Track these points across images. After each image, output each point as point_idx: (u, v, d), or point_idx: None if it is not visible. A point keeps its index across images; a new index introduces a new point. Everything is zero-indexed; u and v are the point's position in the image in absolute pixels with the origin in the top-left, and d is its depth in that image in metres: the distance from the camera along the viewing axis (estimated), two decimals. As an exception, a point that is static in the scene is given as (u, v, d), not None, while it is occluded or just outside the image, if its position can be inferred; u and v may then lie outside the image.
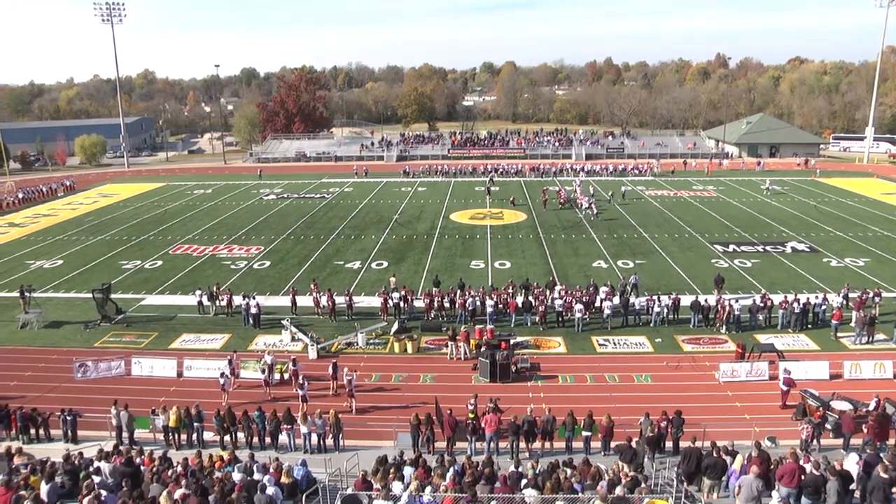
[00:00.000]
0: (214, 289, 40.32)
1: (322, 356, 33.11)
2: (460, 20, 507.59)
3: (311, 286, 41.28)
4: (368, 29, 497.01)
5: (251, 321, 37.44)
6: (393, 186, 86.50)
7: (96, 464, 19.99)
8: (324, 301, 38.98)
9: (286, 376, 30.76)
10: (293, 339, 35.27)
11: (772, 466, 19.26)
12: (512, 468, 19.63)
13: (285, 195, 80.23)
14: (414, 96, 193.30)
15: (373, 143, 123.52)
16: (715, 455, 19.78)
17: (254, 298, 37.96)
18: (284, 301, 40.69)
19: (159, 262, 50.80)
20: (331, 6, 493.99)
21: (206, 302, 39.93)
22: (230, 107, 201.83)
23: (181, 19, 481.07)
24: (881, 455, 19.33)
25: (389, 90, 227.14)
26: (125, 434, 25.35)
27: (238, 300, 38.97)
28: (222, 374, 28.99)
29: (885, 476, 17.01)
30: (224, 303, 39.37)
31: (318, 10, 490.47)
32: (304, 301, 40.25)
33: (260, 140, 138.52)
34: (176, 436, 25.56)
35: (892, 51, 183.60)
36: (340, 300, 39.00)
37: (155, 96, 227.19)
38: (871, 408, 24.72)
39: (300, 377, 28.98)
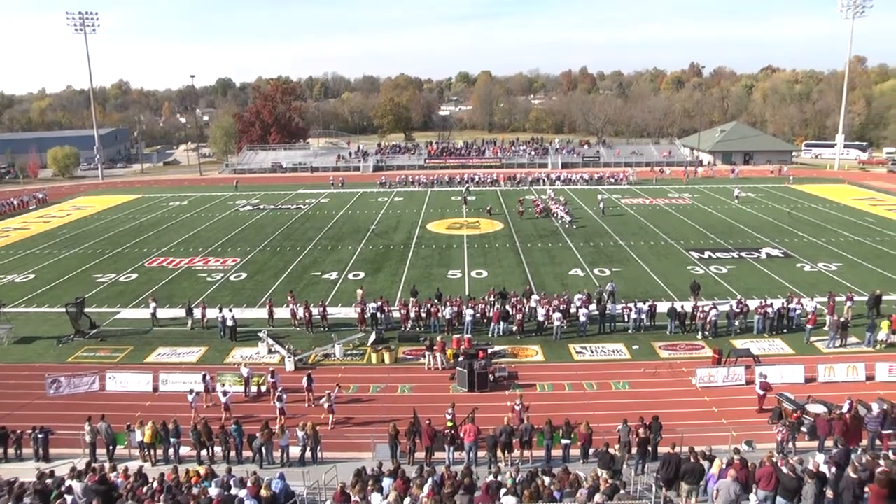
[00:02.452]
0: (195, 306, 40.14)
1: (299, 368, 32.92)
2: (436, 30, 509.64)
3: (288, 298, 41.09)
4: (344, 39, 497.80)
5: (227, 334, 37.19)
6: (369, 197, 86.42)
7: (68, 482, 19.70)
8: (300, 312, 38.81)
9: (263, 389, 30.59)
10: (270, 352, 35.07)
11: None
12: (491, 477, 19.62)
13: (261, 206, 79.88)
14: (390, 106, 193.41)
15: (349, 154, 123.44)
16: (693, 460, 19.93)
17: (230, 311, 37.74)
18: (261, 313, 40.46)
19: (134, 275, 50.34)
20: (306, 16, 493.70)
21: (159, 315, 39.86)
22: (206, 117, 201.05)
23: (156, 29, 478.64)
24: (851, 456, 19.72)
25: (365, 100, 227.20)
26: (100, 451, 25.02)
27: (214, 313, 38.67)
28: (191, 391, 28.59)
29: (855, 476, 17.46)
30: (199, 316, 39.09)
31: (294, 21, 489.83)
32: (282, 313, 40.06)
33: (236, 151, 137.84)
34: (152, 451, 25.22)
35: (859, 60, 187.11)
36: (317, 312, 38.86)
37: (130, 107, 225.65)
38: (844, 410, 25.01)
39: (278, 389, 28.80)
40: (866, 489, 17.27)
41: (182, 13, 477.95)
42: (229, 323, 37.05)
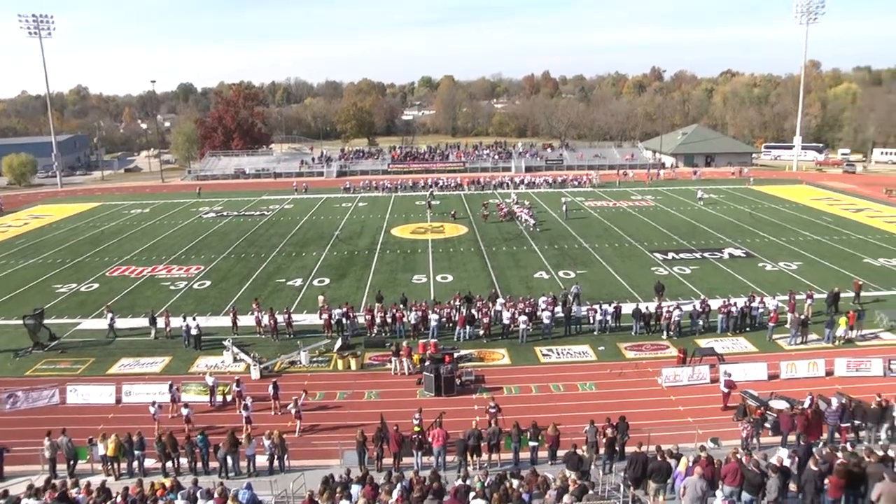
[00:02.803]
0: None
1: (265, 376, 32.66)
2: (398, 35, 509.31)
3: (253, 305, 40.75)
4: (306, 44, 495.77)
5: (192, 343, 36.77)
6: (333, 202, 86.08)
7: (24, 501, 19.23)
8: (265, 320, 38.51)
9: (229, 398, 30.29)
10: (235, 360, 34.72)
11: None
12: (459, 481, 19.63)
13: (225, 213, 79.18)
14: (353, 111, 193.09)
15: (313, 159, 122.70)
16: (660, 459, 20.15)
17: (194, 319, 37.33)
18: (226, 321, 40.07)
19: (95, 285, 49.55)
20: (269, 21, 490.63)
21: (121, 325, 39.28)
22: (167, 123, 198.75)
23: (115, 33, 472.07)
24: (812, 449, 20.19)
25: (328, 105, 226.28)
26: (60, 466, 24.43)
27: (178, 322, 38.22)
28: (153, 403, 28.10)
29: (816, 469, 18.02)
30: (163, 325, 38.58)
31: (256, 25, 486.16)
32: (246, 320, 39.73)
33: (198, 157, 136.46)
34: (115, 465, 24.64)
35: (814, 65, 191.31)
36: (282, 319, 38.58)
37: (89, 113, 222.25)
38: (806, 405, 25.57)
39: (244, 398, 28.53)
40: (826, 481, 17.73)
41: (142, 17, 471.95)
42: (193, 332, 36.66)
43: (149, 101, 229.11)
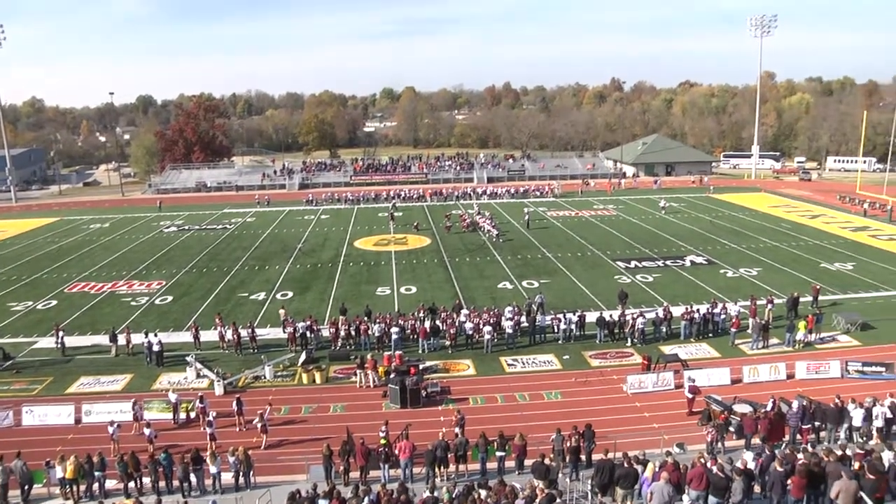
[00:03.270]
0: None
1: (229, 391, 32.27)
2: (359, 46, 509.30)
3: (216, 320, 40.28)
4: (267, 55, 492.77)
5: (154, 360, 36.19)
6: (296, 215, 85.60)
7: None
8: (229, 335, 38.09)
9: (193, 415, 29.86)
10: (199, 376, 34.24)
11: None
12: (427, 493, 19.58)
13: (186, 227, 78.28)
14: (315, 123, 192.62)
15: (275, 172, 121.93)
16: (627, 465, 20.32)
17: (156, 335, 36.78)
18: (189, 337, 39.46)
19: (53, 302, 48.60)
20: (228, 32, 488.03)
21: (79, 342, 38.65)
22: (127, 136, 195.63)
23: (72, 45, 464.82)
24: (776, 451, 20.66)
25: (290, 117, 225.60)
26: (13, 492, 23.53)
27: (139, 338, 37.61)
28: (112, 423, 27.33)
29: (780, 469, 18.49)
30: (124, 342, 37.94)
31: (216, 36, 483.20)
32: (209, 336, 39.25)
33: (159, 170, 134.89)
34: (74, 488, 23.73)
35: (769, 76, 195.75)
36: (246, 333, 38.19)
37: (45, 126, 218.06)
38: (768, 408, 26.03)
39: (208, 414, 28.15)
40: (789, 481, 18.09)
41: (99, 28, 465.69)
42: (155, 348, 36.06)
43: (107, 114, 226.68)
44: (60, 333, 38.38)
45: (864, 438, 24.42)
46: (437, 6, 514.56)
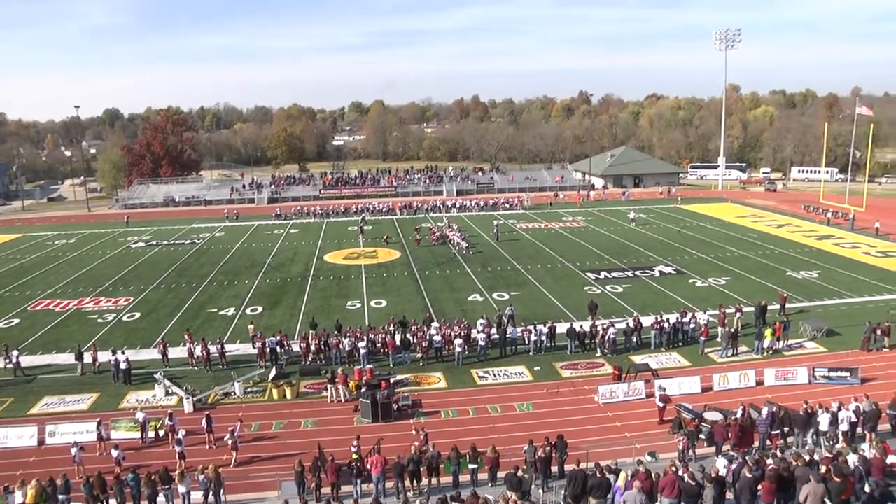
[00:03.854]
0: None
1: (199, 409, 31.87)
2: (327, 60, 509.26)
3: (185, 336, 39.85)
4: (236, 68, 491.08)
5: (121, 378, 35.61)
6: (265, 229, 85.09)
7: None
8: (198, 351, 37.66)
9: (161, 433, 29.36)
10: (167, 394, 33.76)
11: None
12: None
13: (154, 242, 77.42)
14: (283, 137, 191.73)
15: (243, 186, 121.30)
16: (599, 475, 20.38)
17: (123, 353, 36.23)
18: (157, 354, 38.89)
19: (16, 321, 47.65)
20: (196, 45, 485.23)
21: (41, 362, 37.86)
22: (93, 150, 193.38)
23: (36, 58, 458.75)
24: (746, 458, 20.89)
25: (259, 131, 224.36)
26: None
27: (106, 356, 37.00)
28: (74, 444, 26.47)
29: (750, 475, 18.74)
30: (90, 360, 37.31)
31: (184, 49, 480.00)
32: (178, 352, 38.79)
33: (126, 185, 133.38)
34: (35, 513, 22.85)
35: (734, 88, 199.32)
36: (215, 349, 37.78)
37: (7, 140, 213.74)
38: (738, 415, 26.32)
39: (177, 433, 27.73)
40: (759, 487, 18.33)
41: (64, 41, 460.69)
42: (123, 366, 35.48)
43: (73, 128, 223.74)
44: (14, 353, 37.14)
45: (831, 442, 24.78)
46: (405, 20, 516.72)
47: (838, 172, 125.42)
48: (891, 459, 21.12)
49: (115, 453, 26.36)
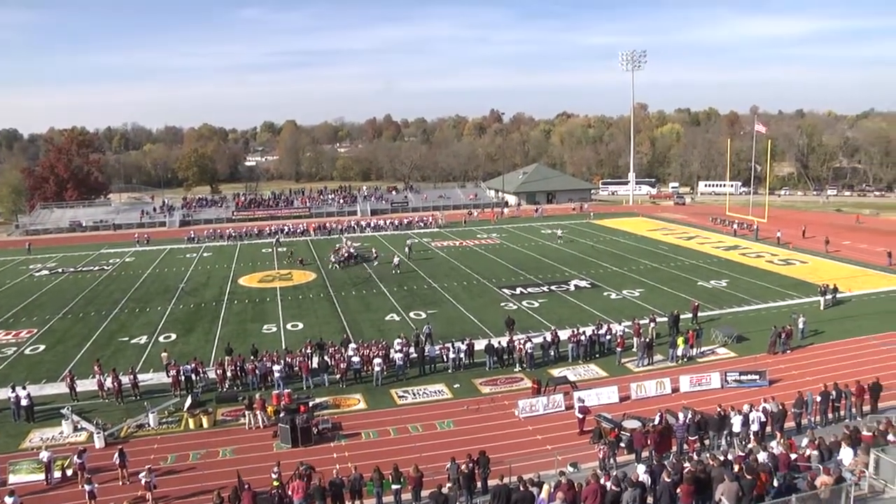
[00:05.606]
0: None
1: (111, 443, 30.58)
2: (239, 79, 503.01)
3: (94, 367, 38.30)
4: (144, 88, 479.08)
5: (23, 415, 33.73)
6: (177, 253, 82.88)
7: None
8: (108, 382, 36.19)
9: (69, 472, 27.80)
10: (76, 429, 32.26)
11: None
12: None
13: (60, 269, 74.31)
14: (195, 157, 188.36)
15: (154, 209, 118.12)
16: (522, 489, 20.43)
17: (24, 388, 34.21)
18: (64, 387, 37.07)
19: None
20: (101, 62, 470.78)
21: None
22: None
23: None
24: (664, 463, 21.49)
25: (169, 152, 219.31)
26: None
27: (5, 393, 34.97)
28: None
29: (669, 480, 19.18)
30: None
31: (88, 67, 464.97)
32: (88, 385, 37.21)
33: (27, 210, 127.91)
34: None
35: (642, 107, 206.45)
36: (127, 380, 36.43)
37: None
38: (656, 422, 26.99)
39: (87, 470, 26.43)
40: (678, 489, 18.82)
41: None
42: (24, 402, 33.44)
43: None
44: None
45: (744, 442, 25.59)
46: (315, 40, 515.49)
47: (742, 186, 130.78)
48: (795, 455, 22.28)
49: (9, 501, 23.92)
